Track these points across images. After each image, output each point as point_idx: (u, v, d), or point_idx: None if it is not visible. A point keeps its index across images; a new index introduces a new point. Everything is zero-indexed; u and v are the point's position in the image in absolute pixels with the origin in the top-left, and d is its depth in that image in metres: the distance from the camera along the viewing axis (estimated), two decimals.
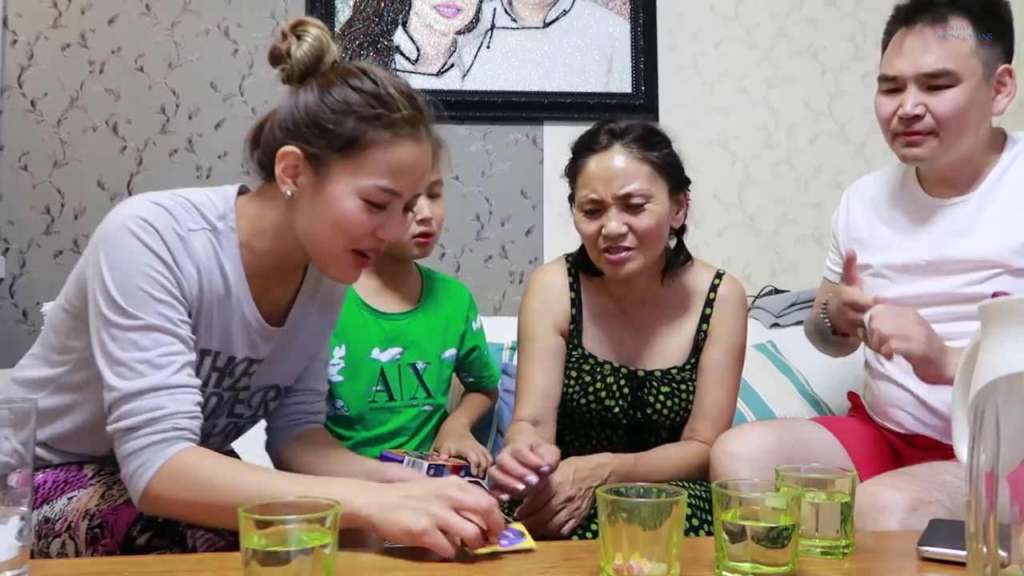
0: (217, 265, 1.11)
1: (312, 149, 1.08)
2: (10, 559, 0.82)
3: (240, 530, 0.80)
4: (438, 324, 1.73)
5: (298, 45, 1.10)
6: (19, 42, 2.34)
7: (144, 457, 0.99)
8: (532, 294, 1.57)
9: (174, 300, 1.05)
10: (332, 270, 1.15)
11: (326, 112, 1.08)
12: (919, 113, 1.41)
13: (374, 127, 1.07)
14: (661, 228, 1.46)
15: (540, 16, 2.47)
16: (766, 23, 2.56)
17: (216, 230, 1.11)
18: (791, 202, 2.56)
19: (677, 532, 0.86)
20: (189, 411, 1.02)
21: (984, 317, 0.81)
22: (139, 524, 1.06)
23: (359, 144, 1.07)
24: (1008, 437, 0.73)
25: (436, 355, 1.72)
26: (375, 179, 1.08)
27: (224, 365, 1.16)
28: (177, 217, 1.07)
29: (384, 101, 1.08)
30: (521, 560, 0.98)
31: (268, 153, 1.12)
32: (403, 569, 0.96)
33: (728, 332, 1.54)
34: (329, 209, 1.08)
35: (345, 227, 1.09)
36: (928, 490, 1.21)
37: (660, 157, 1.45)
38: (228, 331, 1.14)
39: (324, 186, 1.08)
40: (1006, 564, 0.72)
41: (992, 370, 0.77)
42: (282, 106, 1.12)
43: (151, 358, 1.01)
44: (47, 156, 2.34)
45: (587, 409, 1.53)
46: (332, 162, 1.08)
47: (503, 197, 2.47)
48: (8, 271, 2.31)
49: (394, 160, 1.09)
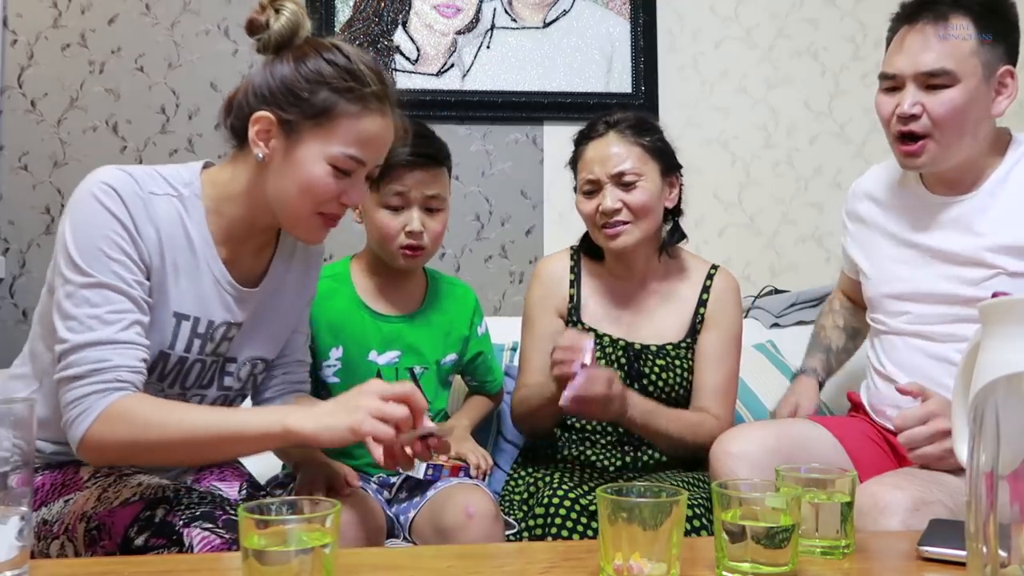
0: (182, 228, 1.17)
1: (285, 115, 1.15)
2: (10, 559, 0.82)
3: (240, 530, 0.80)
4: (440, 329, 1.70)
5: (276, 18, 1.17)
6: (19, 42, 2.34)
7: (85, 404, 1.04)
8: (535, 282, 1.73)
9: (129, 261, 1.10)
10: (298, 231, 1.22)
11: (301, 82, 1.15)
12: (916, 112, 1.40)
13: (345, 99, 1.15)
14: (652, 203, 1.60)
15: (540, 16, 2.47)
16: (766, 23, 2.56)
17: (181, 196, 1.18)
18: (791, 202, 2.56)
19: (677, 532, 0.86)
20: (133, 366, 1.08)
21: (984, 317, 0.81)
22: (136, 525, 1.07)
23: (330, 114, 1.15)
24: (1008, 437, 0.73)
25: (435, 360, 1.68)
26: (343, 147, 1.16)
27: (204, 330, 1.20)
28: (140, 182, 1.14)
29: (356, 75, 1.16)
30: (521, 560, 0.98)
31: (241, 119, 1.18)
32: (403, 569, 0.96)
33: (726, 319, 1.66)
34: (298, 172, 1.16)
35: (312, 190, 1.16)
36: (930, 490, 1.21)
37: (651, 142, 1.62)
38: (202, 294, 1.19)
39: (294, 151, 1.16)
40: (1006, 564, 0.72)
41: (992, 370, 0.77)
42: (256, 74, 1.19)
43: (101, 314, 1.07)
44: (47, 156, 2.33)
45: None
46: (303, 129, 1.15)
47: (503, 197, 2.47)
48: (8, 271, 2.31)
49: (361, 131, 1.17)
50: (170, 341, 1.17)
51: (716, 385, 1.63)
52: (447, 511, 1.43)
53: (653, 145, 1.62)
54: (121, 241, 1.10)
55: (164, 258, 1.15)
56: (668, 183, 1.65)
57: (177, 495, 1.10)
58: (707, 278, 1.69)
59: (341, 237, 2.37)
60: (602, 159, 1.60)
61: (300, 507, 0.85)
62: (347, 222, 2.43)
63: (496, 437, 1.94)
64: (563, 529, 1.41)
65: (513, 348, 2.04)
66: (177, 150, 2.38)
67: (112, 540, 1.07)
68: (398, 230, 1.58)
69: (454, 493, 1.46)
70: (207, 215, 1.20)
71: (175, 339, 1.17)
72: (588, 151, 1.63)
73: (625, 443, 1.66)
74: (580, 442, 1.68)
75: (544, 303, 1.70)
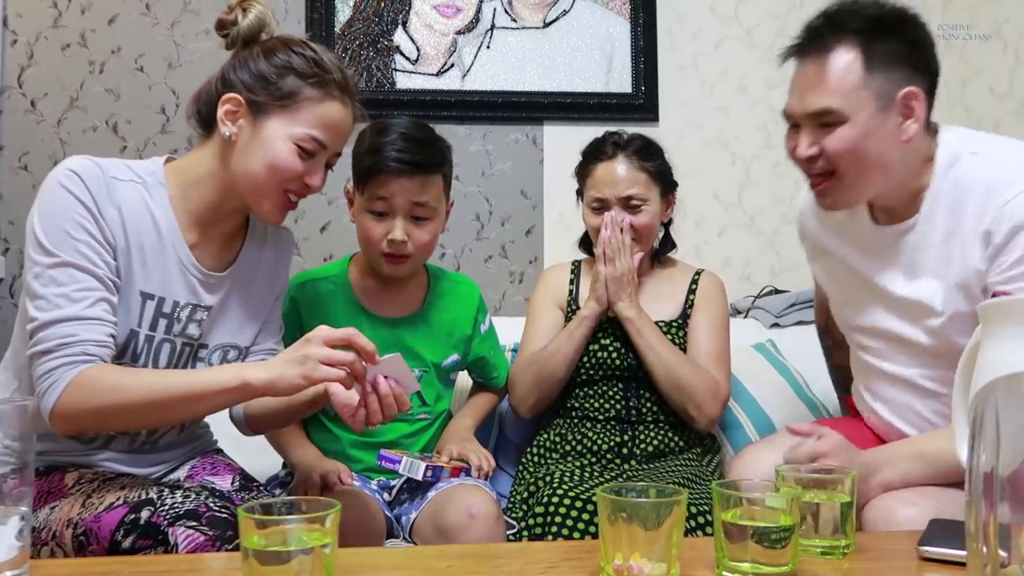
0: (147, 211, 1.23)
1: (254, 97, 1.23)
2: (10, 559, 0.82)
3: (240, 530, 0.80)
4: (441, 330, 1.68)
5: (243, 16, 1.26)
6: (19, 42, 2.34)
7: (54, 376, 1.09)
8: (540, 283, 1.92)
9: (94, 241, 1.15)
10: (264, 207, 1.27)
11: (269, 68, 1.24)
12: (813, 154, 1.32)
13: (311, 85, 1.24)
14: (655, 224, 1.78)
15: (540, 16, 2.47)
16: (766, 23, 2.55)
17: (145, 182, 1.24)
18: (791, 202, 2.55)
19: (677, 532, 0.86)
20: (99, 340, 1.12)
21: (984, 317, 0.81)
22: (122, 528, 1.07)
23: (296, 97, 1.23)
24: (1008, 437, 0.73)
25: (435, 363, 1.66)
26: (307, 128, 1.24)
27: (170, 311, 1.25)
28: (103, 167, 1.20)
29: (320, 65, 1.25)
30: (521, 560, 0.98)
31: (209, 104, 1.26)
32: (403, 569, 0.96)
33: (712, 306, 1.81)
34: (265, 149, 1.23)
35: (278, 167, 1.23)
36: (944, 507, 1.18)
37: (655, 166, 1.77)
38: (167, 275, 1.24)
39: (261, 129, 1.23)
40: (1006, 564, 0.72)
41: (992, 370, 0.77)
42: (224, 66, 1.28)
43: (67, 292, 1.12)
44: (47, 156, 2.33)
45: (587, 361, 1.76)
46: (270, 110, 1.23)
47: (503, 197, 2.47)
48: (8, 271, 2.31)
49: (324, 115, 1.25)
50: (137, 320, 1.22)
51: (710, 351, 1.76)
52: (449, 511, 1.43)
53: (657, 169, 1.77)
54: (85, 222, 1.15)
55: (128, 239, 1.20)
56: (666, 202, 1.81)
57: (161, 496, 1.11)
58: (693, 280, 1.85)
59: (340, 236, 2.39)
60: (611, 182, 1.75)
61: (300, 507, 0.85)
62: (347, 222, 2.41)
63: (498, 437, 1.95)
64: (563, 528, 1.42)
65: (514, 349, 2.04)
66: (177, 150, 2.38)
67: (100, 545, 1.08)
68: (381, 236, 1.54)
69: (456, 494, 1.46)
70: (171, 200, 1.26)
71: (141, 318, 1.22)
72: (597, 171, 1.77)
73: (624, 420, 1.73)
74: (580, 422, 1.76)
75: (544, 298, 1.88)
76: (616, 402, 1.75)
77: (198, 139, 1.30)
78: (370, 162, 1.52)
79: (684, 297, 1.82)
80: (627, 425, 1.74)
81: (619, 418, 1.74)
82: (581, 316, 1.75)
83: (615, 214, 1.73)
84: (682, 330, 1.79)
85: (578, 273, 1.89)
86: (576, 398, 1.79)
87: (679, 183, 1.84)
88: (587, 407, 1.77)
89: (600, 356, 1.76)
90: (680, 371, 1.69)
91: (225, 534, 1.06)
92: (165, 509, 1.08)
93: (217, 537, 1.06)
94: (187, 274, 1.26)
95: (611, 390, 1.76)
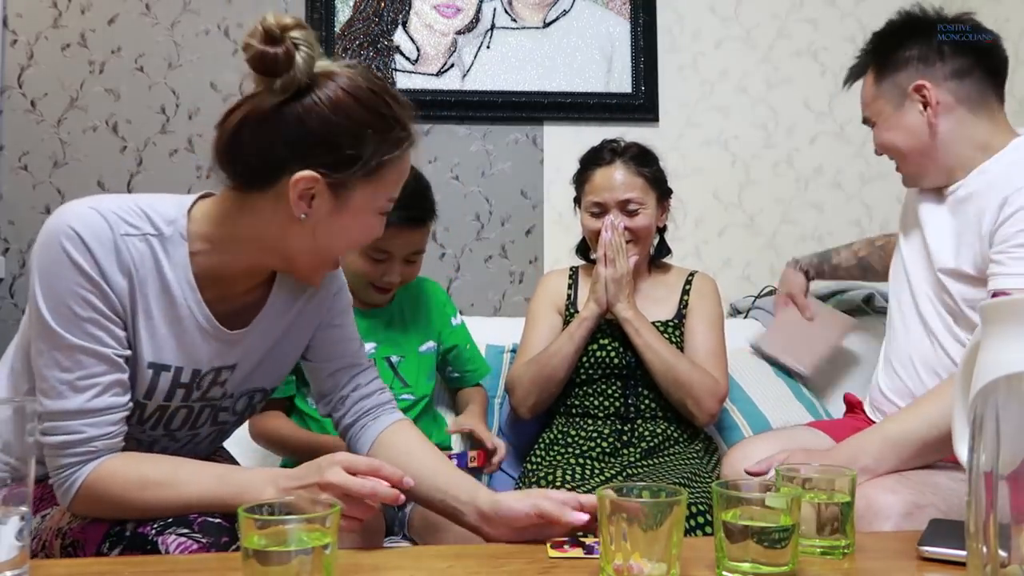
0: (156, 271, 1.07)
1: (334, 176, 1.04)
2: (10, 559, 0.82)
3: (240, 530, 0.80)
4: (414, 319, 1.77)
5: (299, 51, 1.01)
6: (19, 42, 2.34)
7: (65, 476, 1.04)
8: (539, 289, 1.96)
9: (101, 317, 1.03)
10: (315, 276, 1.15)
11: (346, 138, 1.04)
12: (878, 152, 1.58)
13: (390, 148, 1.07)
14: (651, 227, 1.84)
15: (540, 16, 2.47)
16: (766, 23, 2.55)
17: (161, 235, 1.07)
18: (791, 202, 2.56)
19: (677, 532, 0.87)
20: (107, 433, 1.04)
21: (984, 317, 0.81)
22: (108, 540, 1.05)
23: (380, 167, 1.07)
24: (1008, 437, 0.73)
25: (413, 348, 1.74)
26: (390, 192, 1.12)
27: (189, 380, 1.12)
28: (112, 223, 1.04)
29: (399, 122, 1.08)
30: (521, 560, 0.98)
31: (261, 165, 1.05)
32: (403, 569, 0.96)
33: (706, 305, 1.85)
34: (349, 227, 1.09)
35: (364, 240, 1.14)
36: (923, 494, 1.22)
37: (651, 172, 1.83)
38: (184, 341, 1.10)
39: (345, 207, 1.07)
40: (1006, 564, 0.72)
41: (992, 370, 0.77)
42: (280, 119, 1.03)
43: (72, 380, 1.02)
44: (47, 156, 2.33)
45: (586, 360, 1.79)
46: (354, 185, 1.06)
47: (503, 197, 2.47)
48: (8, 271, 2.31)
49: (402, 170, 1.12)
50: (145, 392, 1.10)
51: (708, 348, 1.80)
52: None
53: (653, 176, 1.83)
54: (90, 296, 1.02)
55: (136, 306, 1.06)
56: (662, 207, 1.87)
57: None
58: (687, 282, 1.90)
59: None
60: (609, 187, 1.80)
61: (300, 507, 0.85)
62: None
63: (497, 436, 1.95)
64: None
65: (513, 349, 2.04)
66: (177, 150, 2.38)
67: (87, 556, 1.05)
68: (376, 277, 1.63)
69: None
70: (192, 256, 1.09)
71: (153, 391, 1.10)
72: (596, 176, 1.83)
73: (623, 417, 1.77)
74: (581, 419, 1.80)
75: (544, 301, 1.92)
76: (615, 399, 1.79)
77: (235, 191, 1.08)
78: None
79: (679, 298, 1.88)
80: (626, 420, 1.78)
81: (618, 414, 1.78)
82: (581, 318, 1.78)
83: (614, 218, 1.78)
84: (678, 330, 1.84)
85: (576, 278, 1.94)
86: (576, 396, 1.82)
87: (679, 183, 1.87)
88: (587, 404, 1.81)
89: (599, 356, 1.80)
90: (678, 368, 1.72)
91: (220, 540, 1.02)
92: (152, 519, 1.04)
93: (211, 544, 1.02)
94: (207, 336, 1.12)
95: (610, 388, 1.80)
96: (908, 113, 1.48)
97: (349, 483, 1.01)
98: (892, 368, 1.56)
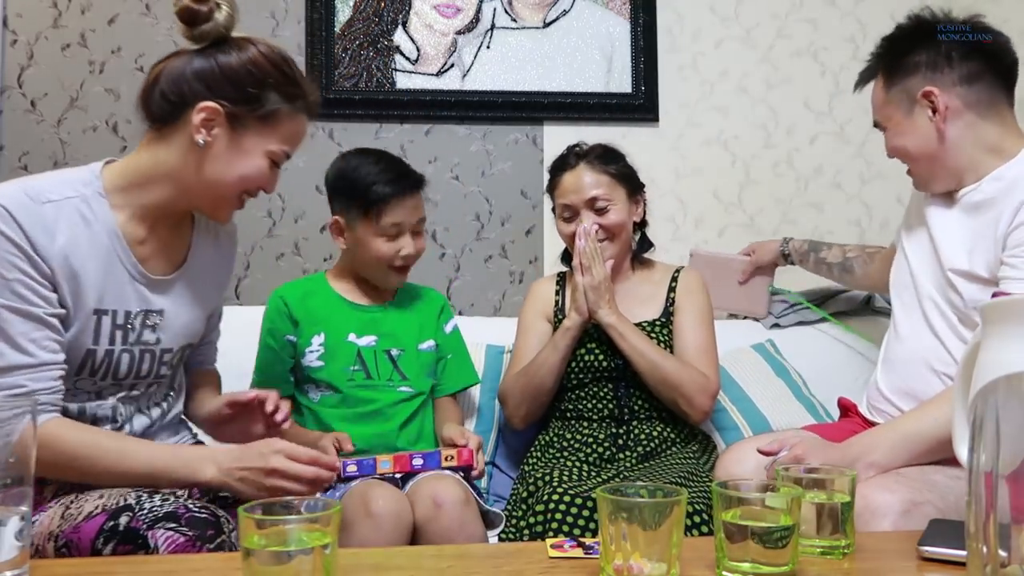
0: (85, 227, 1.21)
1: (233, 109, 1.23)
2: (10, 559, 0.82)
3: (240, 530, 0.80)
4: (413, 318, 1.80)
5: (219, 10, 1.25)
6: (19, 42, 2.34)
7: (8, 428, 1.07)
8: (528, 298, 1.97)
9: (27, 278, 1.15)
10: (219, 211, 1.31)
11: (249, 80, 1.24)
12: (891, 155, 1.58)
13: (289, 104, 1.27)
14: (624, 221, 1.83)
15: (540, 16, 2.47)
16: (766, 23, 2.55)
17: (83, 195, 1.23)
18: (791, 202, 2.56)
19: (677, 532, 0.87)
20: (49, 388, 1.15)
21: (984, 317, 0.81)
22: (101, 536, 1.06)
23: (277, 115, 1.26)
24: (1008, 437, 0.73)
25: (412, 344, 1.77)
26: (281, 144, 1.28)
27: (123, 321, 1.25)
28: (35, 193, 1.18)
29: (298, 84, 1.28)
30: (521, 560, 0.98)
31: (175, 103, 1.24)
32: (403, 569, 0.96)
33: (694, 300, 1.85)
34: (240, 161, 1.26)
35: (250, 178, 1.28)
36: (920, 492, 1.22)
37: (617, 169, 1.84)
38: (116, 286, 1.25)
39: (239, 142, 1.25)
40: (1006, 564, 0.72)
41: (992, 370, 0.77)
42: (194, 60, 1.25)
43: (11, 337, 1.13)
44: (47, 156, 2.34)
45: (575, 366, 1.80)
46: (249, 123, 1.25)
47: (503, 197, 2.47)
48: None
49: (295, 130, 1.30)
50: (93, 338, 1.22)
51: (697, 345, 1.80)
52: (418, 505, 1.46)
53: (619, 172, 1.84)
54: (18, 261, 1.14)
55: (72, 263, 1.19)
56: (634, 202, 1.87)
57: (139, 500, 1.10)
58: (673, 278, 1.90)
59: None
60: (576, 188, 1.82)
61: (300, 507, 0.85)
62: None
63: (497, 441, 1.95)
64: (564, 524, 1.43)
65: (512, 350, 2.04)
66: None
67: (81, 555, 1.07)
68: (394, 255, 1.71)
69: (423, 486, 1.49)
70: (113, 208, 1.25)
71: (98, 335, 1.22)
72: (563, 180, 1.85)
73: (617, 419, 1.78)
74: (577, 422, 1.80)
75: (534, 308, 1.94)
76: (608, 402, 1.79)
77: (149, 133, 1.28)
78: (387, 191, 1.67)
79: (665, 296, 1.88)
80: (621, 422, 1.78)
81: (612, 416, 1.78)
82: (564, 328, 1.79)
83: (587, 224, 1.79)
84: (666, 328, 1.84)
85: (563, 284, 1.96)
86: (569, 400, 1.84)
87: (679, 183, 1.86)
88: (581, 408, 1.81)
89: (587, 360, 1.81)
90: (666, 368, 1.73)
91: (205, 533, 1.06)
92: (144, 513, 1.07)
93: (197, 537, 1.05)
94: (135, 281, 1.27)
95: (601, 391, 1.81)
96: (917, 118, 1.49)
97: (297, 470, 1.16)
98: (893, 368, 1.57)
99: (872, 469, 1.31)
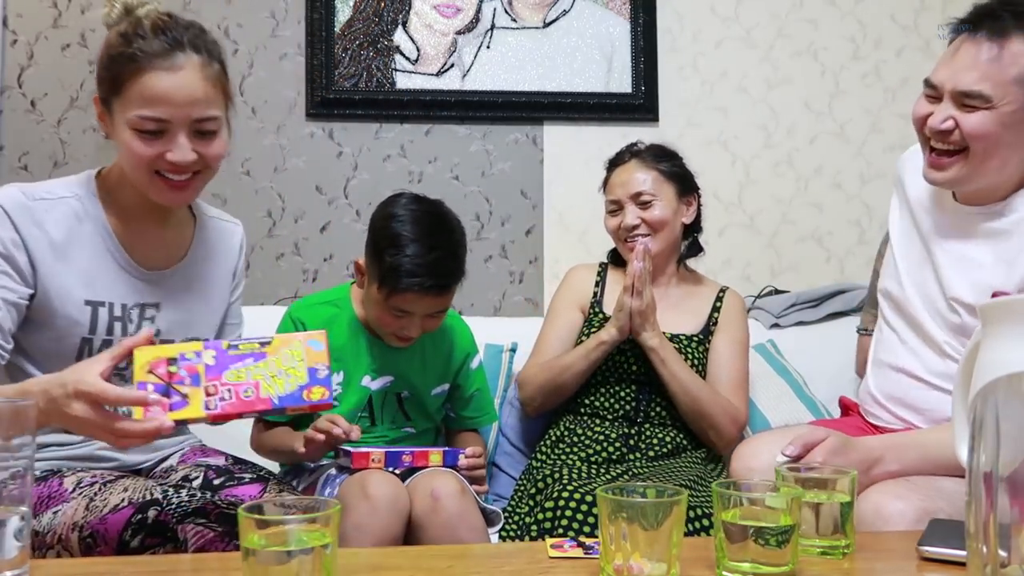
0: (79, 224, 1.28)
1: (103, 95, 1.25)
2: (10, 559, 0.82)
3: (240, 530, 0.80)
4: (434, 360, 1.70)
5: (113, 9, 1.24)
6: (19, 42, 2.34)
7: None
8: (564, 283, 1.95)
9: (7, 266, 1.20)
10: (151, 194, 1.27)
11: (103, 62, 1.24)
12: (947, 128, 1.33)
13: (126, 63, 1.20)
14: (668, 218, 1.82)
15: (540, 16, 2.47)
16: (766, 23, 2.55)
17: (78, 196, 1.29)
18: (791, 202, 2.56)
19: (677, 532, 0.87)
20: None
21: (984, 317, 0.81)
22: (130, 529, 1.08)
23: (119, 81, 1.20)
24: (1008, 437, 0.73)
25: (427, 389, 1.68)
26: (134, 110, 1.20)
27: (121, 314, 1.29)
28: (29, 192, 1.25)
29: (129, 39, 1.20)
30: (521, 560, 0.98)
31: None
32: (403, 569, 0.96)
33: (735, 327, 1.85)
34: (120, 144, 1.25)
35: (130, 156, 1.23)
36: (932, 499, 1.19)
37: (667, 167, 1.84)
38: (110, 280, 1.29)
39: (115, 125, 1.24)
40: (1006, 564, 0.72)
41: (992, 370, 0.77)
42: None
43: None
44: (47, 156, 2.33)
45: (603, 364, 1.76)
46: (112, 102, 1.23)
47: (503, 197, 2.47)
48: None
49: (144, 91, 1.19)
50: (89, 328, 1.26)
51: (731, 376, 1.80)
52: (416, 500, 1.44)
53: (670, 170, 1.85)
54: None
55: (62, 255, 1.25)
56: (685, 202, 1.87)
57: (166, 495, 1.12)
58: (718, 298, 1.88)
59: (340, 236, 2.39)
60: (623, 183, 1.84)
61: (300, 507, 0.85)
62: (347, 222, 2.41)
63: (497, 438, 1.94)
64: (573, 522, 1.44)
65: (512, 349, 2.04)
66: None
67: (108, 546, 1.09)
68: (395, 329, 1.58)
69: (421, 481, 1.48)
70: (105, 208, 1.31)
71: (95, 325, 1.26)
72: (614, 176, 1.87)
73: (631, 420, 1.76)
74: (590, 419, 1.78)
75: (567, 296, 1.91)
76: (627, 402, 1.78)
77: None
78: (403, 283, 1.50)
79: (708, 314, 1.86)
80: (634, 424, 1.77)
81: (627, 417, 1.78)
82: (599, 340, 1.74)
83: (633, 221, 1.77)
84: (702, 345, 1.83)
85: (604, 276, 1.93)
86: (588, 395, 1.81)
87: None
88: (597, 405, 1.80)
89: (617, 360, 1.79)
90: (702, 400, 1.72)
91: (234, 530, 1.07)
92: (172, 508, 1.09)
93: (226, 533, 1.08)
94: (126, 273, 1.31)
95: (623, 391, 1.79)
96: None
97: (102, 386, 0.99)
98: (886, 375, 1.51)
99: (887, 475, 1.28)
